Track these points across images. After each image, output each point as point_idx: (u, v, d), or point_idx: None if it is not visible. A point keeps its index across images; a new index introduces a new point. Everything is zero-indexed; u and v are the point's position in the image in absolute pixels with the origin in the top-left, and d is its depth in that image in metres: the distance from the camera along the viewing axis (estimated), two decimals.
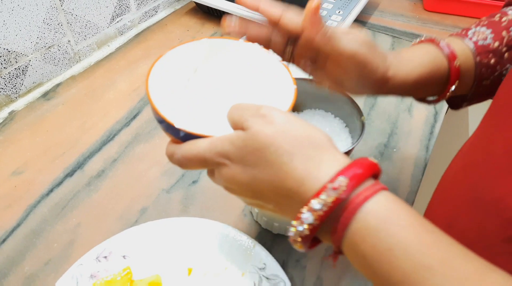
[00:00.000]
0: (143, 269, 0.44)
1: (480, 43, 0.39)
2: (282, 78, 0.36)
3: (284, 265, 0.46)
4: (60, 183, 0.54)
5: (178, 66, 0.36)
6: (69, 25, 0.70)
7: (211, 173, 0.30)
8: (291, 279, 0.44)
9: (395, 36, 0.84)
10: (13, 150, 0.59)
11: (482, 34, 0.40)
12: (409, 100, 0.68)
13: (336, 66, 0.36)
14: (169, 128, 0.30)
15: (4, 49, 0.61)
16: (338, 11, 0.79)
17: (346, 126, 0.43)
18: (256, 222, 0.50)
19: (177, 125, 0.29)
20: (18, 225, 0.50)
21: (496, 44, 0.39)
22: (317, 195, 0.23)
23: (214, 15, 0.88)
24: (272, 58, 0.37)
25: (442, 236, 0.23)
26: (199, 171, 0.56)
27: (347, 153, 0.39)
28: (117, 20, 0.80)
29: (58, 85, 0.70)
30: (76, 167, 0.56)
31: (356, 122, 0.41)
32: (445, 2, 0.90)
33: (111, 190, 0.54)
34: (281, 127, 0.26)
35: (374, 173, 0.25)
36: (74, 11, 0.69)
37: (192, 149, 0.29)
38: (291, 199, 0.25)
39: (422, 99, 0.43)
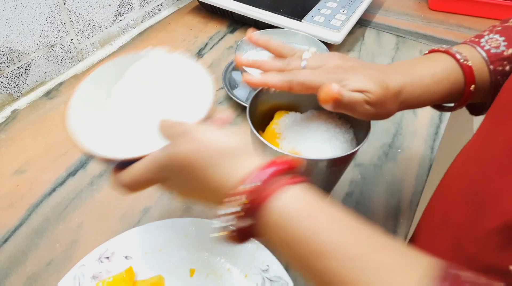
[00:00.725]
0: (145, 270, 0.44)
1: (493, 51, 0.39)
2: (201, 81, 0.36)
3: (287, 267, 0.45)
4: (62, 183, 0.54)
5: (94, 97, 0.36)
6: (72, 23, 0.69)
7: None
8: (294, 280, 0.44)
9: (399, 35, 0.83)
10: (15, 149, 0.58)
11: (494, 42, 0.39)
12: None
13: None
14: (106, 161, 0.32)
15: (7, 47, 0.61)
16: (343, 10, 0.79)
17: (350, 127, 0.42)
18: None
19: (111, 155, 0.31)
20: (20, 224, 0.49)
21: (510, 51, 0.38)
22: (230, 197, 0.27)
23: (218, 14, 0.88)
24: (189, 61, 0.37)
25: (338, 221, 0.26)
26: None
27: (352, 154, 0.38)
28: (120, 19, 0.79)
29: (61, 84, 0.70)
30: (79, 167, 0.56)
31: (361, 123, 0.41)
32: (450, 1, 0.89)
33: (113, 190, 0.53)
34: (200, 144, 0.29)
35: (285, 170, 0.28)
36: (77, 10, 0.69)
37: (136, 173, 0.31)
38: (216, 202, 0.29)
39: (438, 106, 0.44)
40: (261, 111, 0.44)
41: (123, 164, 0.32)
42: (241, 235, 0.29)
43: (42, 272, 0.45)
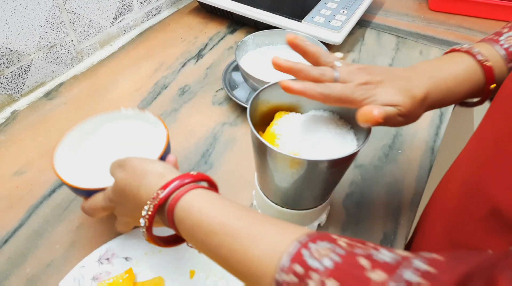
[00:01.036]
0: (145, 272, 0.44)
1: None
2: (159, 133, 0.48)
3: None
4: (62, 184, 0.54)
5: (75, 144, 0.48)
6: (72, 24, 0.69)
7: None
8: None
9: (399, 36, 0.83)
10: (15, 150, 0.58)
11: None
12: None
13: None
14: (76, 191, 0.42)
15: (7, 48, 0.61)
16: (343, 10, 0.79)
17: (351, 128, 0.42)
18: None
19: (79, 186, 0.41)
20: (20, 226, 0.49)
21: None
22: (146, 204, 0.34)
23: (218, 14, 0.88)
24: (152, 118, 0.49)
25: (225, 207, 0.32)
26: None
27: (352, 155, 0.38)
28: (120, 19, 0.79)
29: (60, 84, 0.70)
30: None
31: None
32: (450, 2, 0.89)
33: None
34: (131, 169, 0.36)
35: (192, 181, 0.34)
36: (76, 10, 0.69)
37: (94, 202, 0.41)
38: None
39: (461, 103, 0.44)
40: (261, 112, 0.44)
41: (89, 194, 0.41)
42: (167, 239, 0.37)
43: (42, 274, 0.45)
